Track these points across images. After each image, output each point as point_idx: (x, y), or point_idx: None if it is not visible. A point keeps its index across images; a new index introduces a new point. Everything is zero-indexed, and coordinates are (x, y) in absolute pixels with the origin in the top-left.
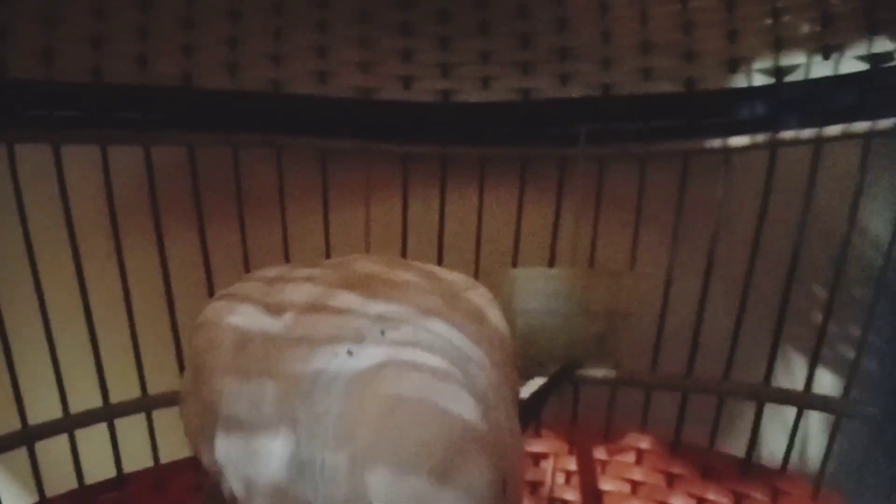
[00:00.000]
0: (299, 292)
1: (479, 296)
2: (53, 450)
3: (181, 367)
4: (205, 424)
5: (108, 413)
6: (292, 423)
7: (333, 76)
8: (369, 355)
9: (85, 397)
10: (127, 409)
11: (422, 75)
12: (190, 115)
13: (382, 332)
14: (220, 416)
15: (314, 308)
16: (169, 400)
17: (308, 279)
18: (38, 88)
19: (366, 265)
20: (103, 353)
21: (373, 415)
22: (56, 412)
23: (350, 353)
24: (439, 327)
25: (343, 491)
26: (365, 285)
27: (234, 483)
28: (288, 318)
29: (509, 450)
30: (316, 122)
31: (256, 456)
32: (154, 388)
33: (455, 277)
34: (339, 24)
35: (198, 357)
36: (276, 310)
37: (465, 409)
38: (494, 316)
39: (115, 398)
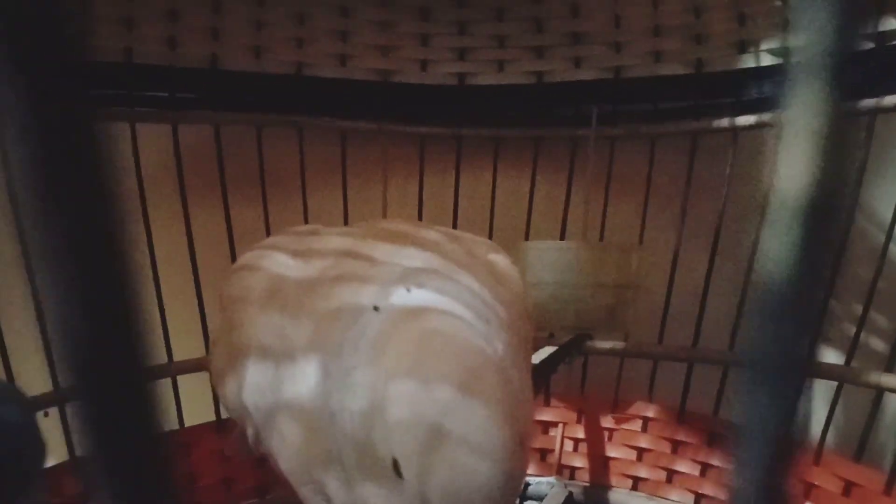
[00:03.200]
0: (332, 243)
1: (500, 259)
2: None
3: (206, 336)
4: (233, 366)
5: None
6: (323, 365)
7: (354, 59)
8: (397, 307)
9: None
10: (153, 373)
11: (439, 58)
12: (216, 96)
13: (408, 290)
14: (252, 348)
15: (345, 255)
16: (193, 366)
17: (338, 233)
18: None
19: (393, 224)
20: None
21: (401, 339)
22: None
23: (377, 308)
24: (465, 280)
25: (364, 404)
26: (394, 239)
27: (258, 416)
28: (320, 263)
29: (520, 408)
30: (336, 104)
31: (286, 384)
32: (179, 356)
33: (478, 240)
34: (360, 9)
35: (231, 302)
36: (307, 257)
37: (486, 346)
38: (514, 280)
39: None
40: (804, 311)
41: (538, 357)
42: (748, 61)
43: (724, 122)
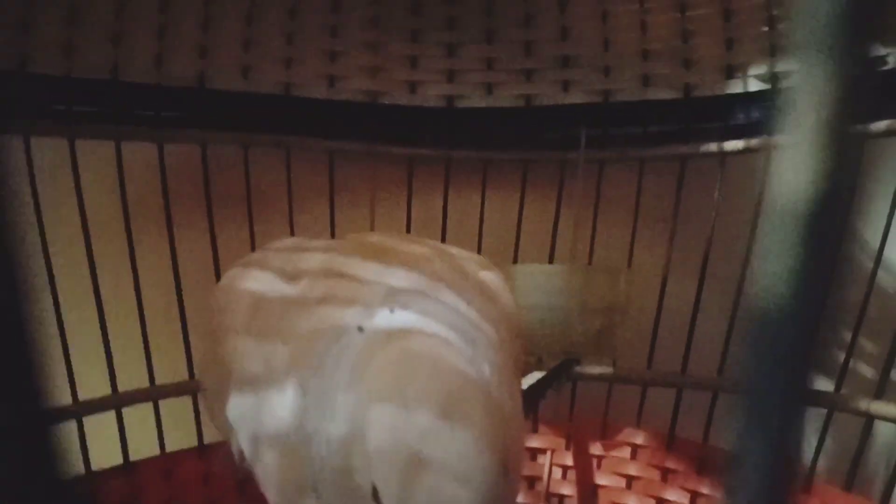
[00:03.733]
0: (315, 260)
1: (491, 277)
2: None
3: (189, 359)
4: (220, 385)
5: (117, 401)
6: (301, 382)
7: (343, 80)
8: (379, 329)
9: (94, 386)
10: (135, 398)
11: (428, 80)
12: (203, 115)
13: (391, 311)
14: (235, 374)
15: (330, 273)
16: (177, 390)
17: (323, 249)
18: (57, 84)
19: (381, 238)
20: (113, 343)
21: (382, 362)
22: (66, 399)
23: (361, 329)
24: (450, 299)
25: (343, 430)
26: (379, 255)
27: (243, 441)
28: (304, 282)
29: (510, 432)
30: (325, 124)
31: (265, 410)
32: (162, 379)
33: (469, 256)
34: (349, 30)
35: (215, 320)
36: (291, 276)
37: (470, 369)
38: (506, 298)
39: (123, 387)
40: (804, 336)
41: (526, 382)
42: (736, 86)
43: (713, 146)
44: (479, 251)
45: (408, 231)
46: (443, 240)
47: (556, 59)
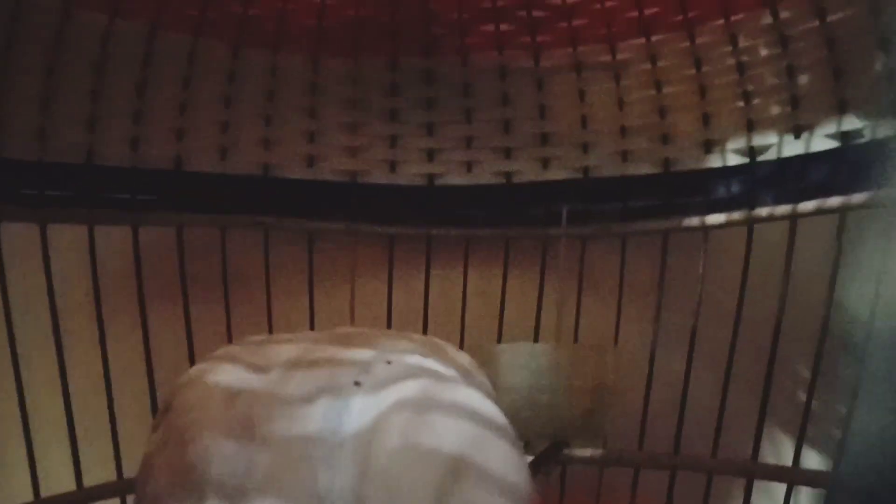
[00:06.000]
0: (282, 352)
1: (463, 357)
2: None
3: None
4: (183, 484)
5: (83, 497)
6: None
7: (322, 160)
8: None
9: (60, 479)
10: (102, 492)
11: (407, 159)
12: (179, 197)
13: (389, 362)
14: (206, 477)
15: (298, 364)
16: None
17: (290, 341)
18: (29, 168)
19: (347, 328)
20: (81, 433)
21: (393, 409)
22: (27, 496)
23: (357, 383)
24: (416, 359)
25: (352, 479)
26: (345, 341)
27: None
28: (273, 374)
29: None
30: (304, 205)
31: None
32: (130, 471)
33: (438, 341)
34: (328, 111)
35: (181, 416)
36: (261, 369)
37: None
38: (479, 376)
39: (90, 481)
40: None
41: None
42: (715, 160)
43: (695, 220)
44: (461, 329)
45: (389, 310)
46: (425, 318)
47: (534, 136)
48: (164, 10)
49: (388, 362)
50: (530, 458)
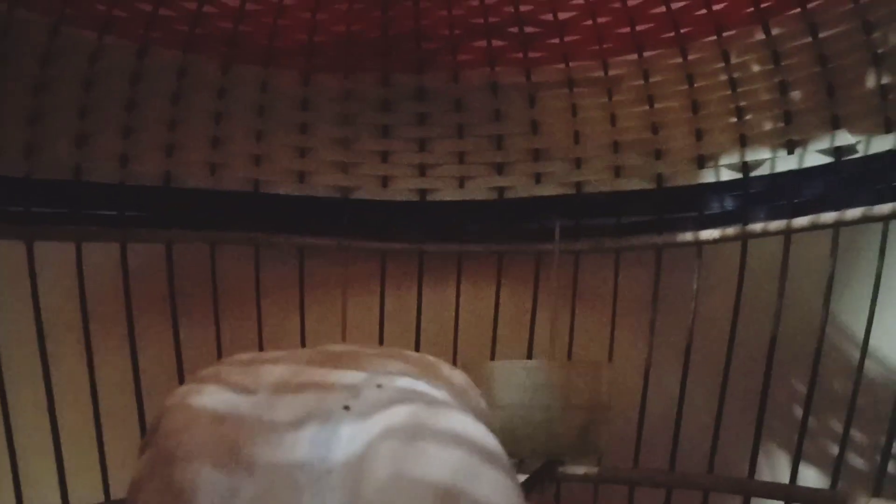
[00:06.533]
0: (270, 373)
1: (456, 373)
2: None
3: None
4: None
5: None
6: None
7: (313, 176)
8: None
9: (47, 500)
10: None
11: (399, 175)
12: (169, 213)
13: (379, 386)
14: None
15: (286, 386)
16: None
17: (278, 360)
18: (16, 185)
19: (337, 346)
20: (67, 453)
21: (384, 436)
22: None
23: (347, 408)
24: (407, 382)
25: None
26: (334, 361)
27: None
28: (261, 397)
29: None
30: (295, 221)
31: None
32: (118, 492)
33: (431, 358)
34: (319, 127)
35: (168, 440)
36: (248, 391)
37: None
38: (474, 396)
39: (76, 502)
40: None
41: None
42: (708, 176)
43: (688, 235)
44: (454, 345)
45: (381, 326)
46: (417, 335)
47: (527, 152)
48: (154, 27)
49: (379, 386)
50: (525, 477)
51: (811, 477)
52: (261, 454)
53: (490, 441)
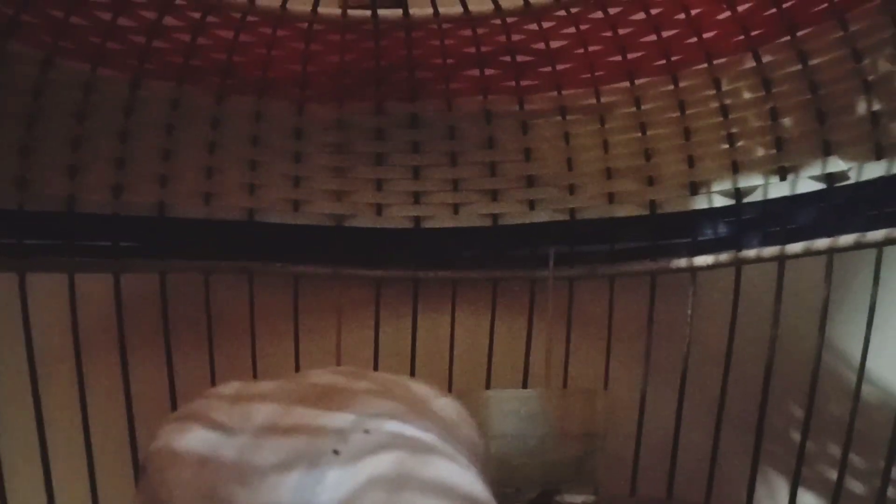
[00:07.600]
0: (258, 412)
1: (447, 404)
2: None
3: None
4: None
5: None
6: None
7: (307, 204)
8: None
9: None
10: None
11: (393, 202)
12: (163, 243)
13: (366, 431)
14: None
15: (273, 428)
16: None
17: (266, 397)
18: (8, 216)
19: (324, 377)
20: (59, 485)
21: (372, 483)
22: None
23: (337, 452)
24: (395, 426)
25: None
26: (322, 399)
27: None
28: (245, 438)
29: None
30: (289, 249)
31: None
32: None
33: (420, 387)
34: (313, 155)
35: (152, 482)
36: (233, 432)
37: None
38: (467, 425)
39: None
40: None
41: None
42: (701, 202)
43: (682, 262)
44: (450, 373)
45: (375, 354)
46: (412, 363)
47: (520, 178)
48: (148, 58)
49: (366, 431)
50: None
51: (810, 502)
52: (241, 498)
53: (477, 489)
